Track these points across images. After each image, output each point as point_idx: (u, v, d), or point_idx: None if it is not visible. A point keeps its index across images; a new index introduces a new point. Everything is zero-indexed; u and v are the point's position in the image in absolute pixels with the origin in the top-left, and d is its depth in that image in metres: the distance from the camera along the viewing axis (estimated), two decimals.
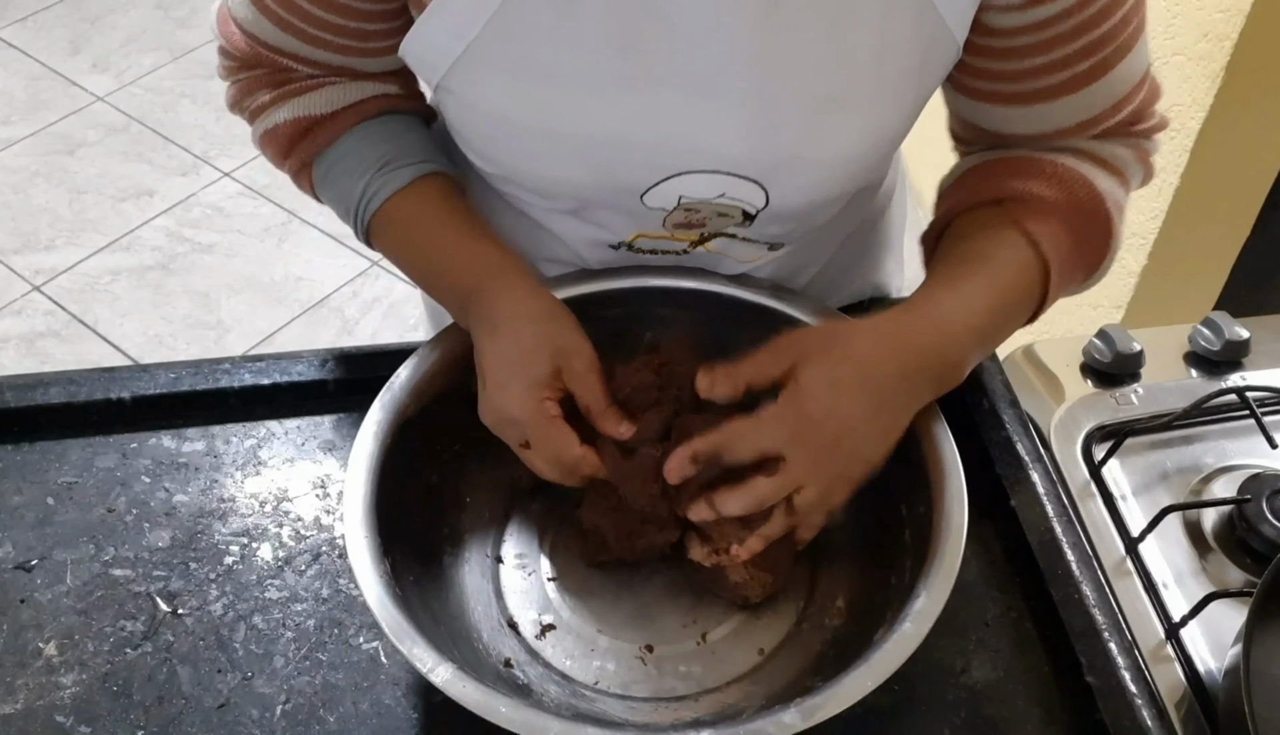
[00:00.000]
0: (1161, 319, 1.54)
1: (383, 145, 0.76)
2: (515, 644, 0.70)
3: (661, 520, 0.70)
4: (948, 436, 0.70)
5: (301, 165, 0.77)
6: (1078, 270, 0.75)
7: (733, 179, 0.70)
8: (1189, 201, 1.46)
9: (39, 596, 0.72)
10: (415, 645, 0.60)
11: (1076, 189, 0.73)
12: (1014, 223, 0.72)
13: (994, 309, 0.71)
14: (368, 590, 0.62)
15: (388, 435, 0.70)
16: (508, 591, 0.73)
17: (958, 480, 0.67)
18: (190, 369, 0.83)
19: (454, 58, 0.67)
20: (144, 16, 3.08)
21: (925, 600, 0.62)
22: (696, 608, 0.72)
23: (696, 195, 0.72)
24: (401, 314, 2.34)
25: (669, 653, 0.70)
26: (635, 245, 0.80)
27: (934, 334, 0.69)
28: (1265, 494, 0.77)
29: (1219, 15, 1.32)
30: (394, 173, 0.75)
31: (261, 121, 0.77)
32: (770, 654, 0.70)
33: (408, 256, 0.78)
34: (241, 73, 0.78)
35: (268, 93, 0.76)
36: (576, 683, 0.68)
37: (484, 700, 0.58)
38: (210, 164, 2.63)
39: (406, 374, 0.73)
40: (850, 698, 0.58)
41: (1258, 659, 0.66)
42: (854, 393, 0.65)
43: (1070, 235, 0.73)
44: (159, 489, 0.79)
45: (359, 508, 0.66)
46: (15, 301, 2.33)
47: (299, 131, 0.76)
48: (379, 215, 0.75)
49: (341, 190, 0.76)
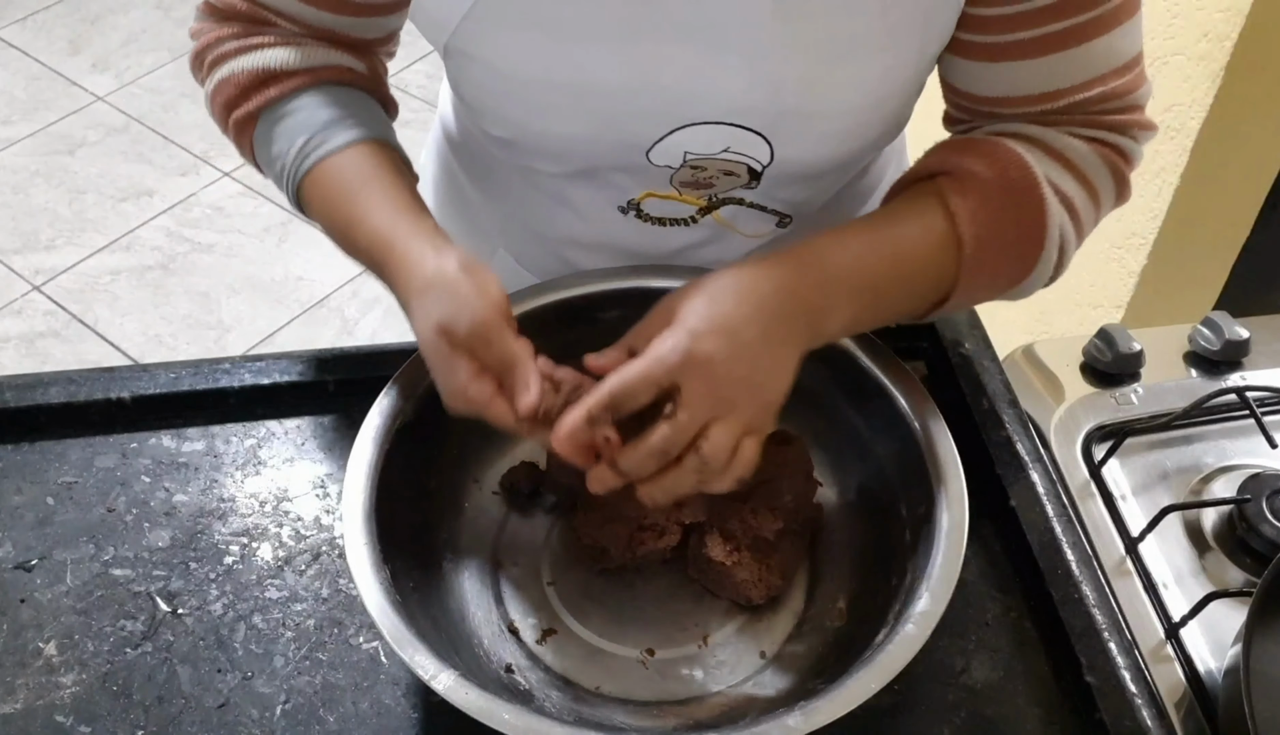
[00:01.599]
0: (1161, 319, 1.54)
1: (334, 109, 0.75)
2: (516, 649, 0.70)
3: (660, 527, 0.70)
4: (947, 436, 0.70)
5: (248, 117, 0.76)
6: (1003, 257, 0.71)
7: (737, 131, 0.71)
8: (1189, 201, 1.46)
9: (39, 596, 0.72)
10: (417, 652, 0.60)
11: (1009, 167, 0.70)
12: (937, 194, 0.70)
13: (879, 271, 0.69)
14: (368, 597, 0.62)
15: (386, 440, 0.69)
16: (508, 597, 0.73)
17: (958, 481, 0.67)
18: (190, 369, 0.83)
19: (462, 14, 0.67)
20: (144, 16, 3.08)
21: (927, 601, 0.62)
22: (697, 610, 0.72)
23: (701, 151, 0.73)
24: (401, 314, 2.34)
25: (670, 656, 0.70)
26: (643, 208, 0.80)
27: (807, 273, 0.66)
28: (1265, 494, 0.77)
29: (1219, 15, 1.32)
30: (335, 133, 0.74)
31: (221, 70, 0.76)
32: (772, 657, 0.70)
33: (330, 216, 0.75)
34: (216, 22, 0.78)
35: (234, 43, 0.76)
36: (578, 687, 0.68)
37: (486, 707, 0.58)
38: (210, 164, 2.63)
39: (404, 379, 0.73)
40: (853, 700, 0.58)
41: (1258, 659, 0.66)
42: (739, 315, 0.63)
43: (993, 213, 0.69)
44: (159, 489, 0.79)
45: (359, 514, 0.66)
46: (15, 301, 2.33)
47: (256, 82, 0.75)
48: (311, 173, 0.74)
49: (280, 146, 0.75)
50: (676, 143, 0.72)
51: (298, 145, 0.74)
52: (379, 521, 0.66)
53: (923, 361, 0.86)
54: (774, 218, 0.83)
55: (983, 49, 0.71)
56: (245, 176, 2.59)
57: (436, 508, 0.74)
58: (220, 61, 0.77)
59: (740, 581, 0.70)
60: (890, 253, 0.69)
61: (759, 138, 0.71)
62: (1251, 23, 1.29)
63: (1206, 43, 1.34)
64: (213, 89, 0.78)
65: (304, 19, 0.76)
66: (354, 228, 0.72)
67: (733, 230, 0.82)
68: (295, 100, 0.75)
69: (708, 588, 0.73)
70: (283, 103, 0.75)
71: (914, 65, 0.71)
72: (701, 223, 0.82)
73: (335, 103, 0.75)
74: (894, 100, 0.73)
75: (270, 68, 0.75)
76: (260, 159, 0.78)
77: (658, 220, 0.82)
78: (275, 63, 0.75)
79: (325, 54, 0.77)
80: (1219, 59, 1.34)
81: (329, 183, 0.73)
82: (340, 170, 0.73)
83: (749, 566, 0.69)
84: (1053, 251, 0.72)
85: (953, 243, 0.69)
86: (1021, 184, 0.70)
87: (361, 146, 0.74)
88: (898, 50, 0.69)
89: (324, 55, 0.77)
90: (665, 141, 0.72)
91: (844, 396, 0.76)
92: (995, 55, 0.70)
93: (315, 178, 0.74)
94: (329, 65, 0.77)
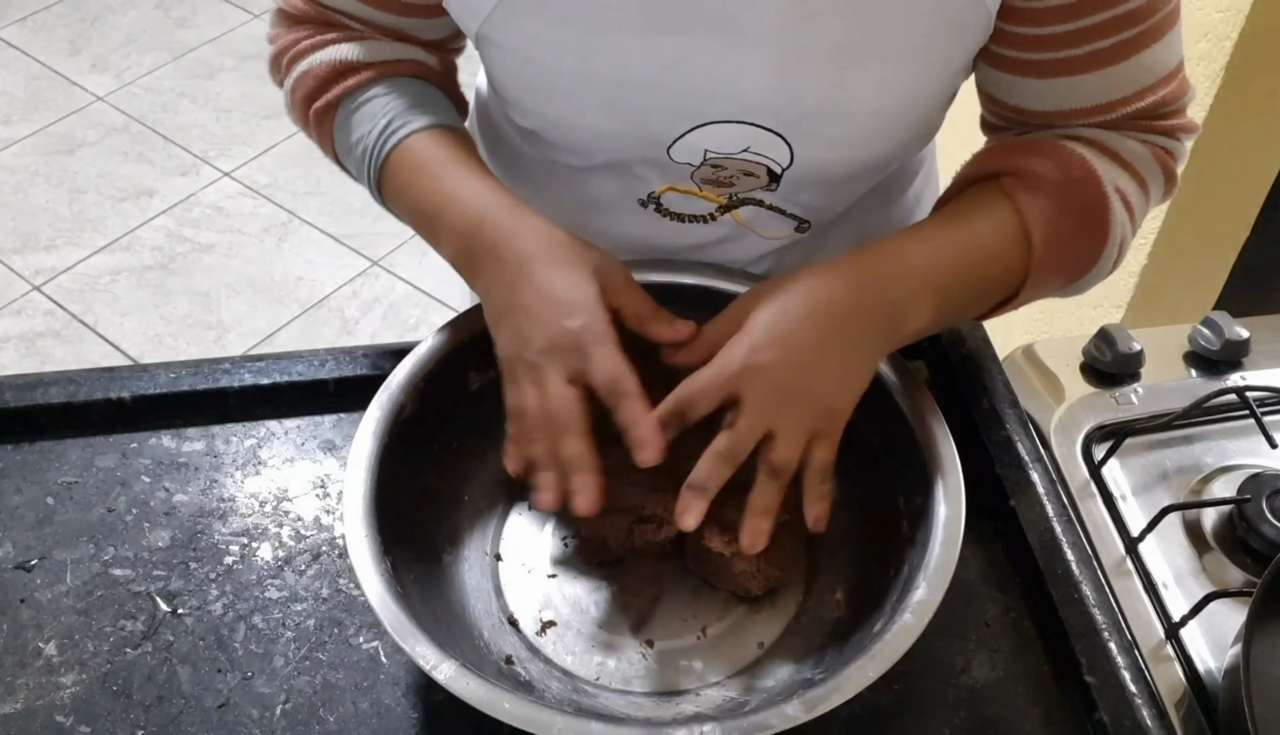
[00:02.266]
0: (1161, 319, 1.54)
1: (411, 97, 0.77)
2: (516, 641, 0.70)
3: (659, 519, 0.70)
4: (944, 428, 0.70)
5: (327, 107, 0.78)
6: (1068, 256, 0.73)
7: (757, 131, 0.71)
8: (1189, 201, 1.46)
9: (39, 596, 0.72)
10: (418, 643, 0.60)
11: (1073, 168, 0.71)
12: (1003, 193, 0.71)
13: (959, 268, 0.70)
14: (369, 590, 0.62)
15: (386, 434, 0.69)
16: (508, 589, 0.73)
17: (955, 473, 0.67)
18: (190, 369, 0.83)
19: (493, 3, 0.69)
20: (144, 16, 3.08)
21: (925, 591, 0.62)
22: (696, 602, 0.72)
23: (721, 149, 0.73)
24: (401, 314, 2.34)
25: (669, 647, 0.70)
26: (664, 202, 0.81)
27: (885, 270, 0.68)
28: (1265, 494, 0.77)
29: (1219, 15, 1.32)
30: (415, 117, 0.75)
31: (299, 66, 0.78)
32: (770, 647, 0.70)
33: (413, 196, 0.75)
34: (289, 26, 0.80)
35: (308, 41, 0.78)
36: (578, 678, 0.69)
37: (488, 697, 0.58)
38: (210, 164, 2.63)
39: (405, 373, 0.73)
40: (852, 689, 0.58)
41: (1258, 659, 0.66)
42: (802, 323, 0.65)
43: (1060, 213, 0.71)
44: (159, 489, 0.79)
45: (359, 507, 0.66)
46: (15, 301, 2.33)
47: (334, 74, 0.77)
48: (395, 152, 0.74)
49: (362, 130, 0.76)
50: (697, 140, 0.73)
51: (380, 127, 0.75)
52: (379, 514, 0.66)
53: (923, 361, 0.86)
54: (792, 222, 0.83)
55: (1030, 66, 0.71)
56: (245, 176, 2.59)
57: (437, 501, 0.74)
58: (298, 58, 0.78)
59: (739, 573, 0.70)
60: (967, 250, 0.70)
61: (779, 139, 0.72)
62: (1251, 23, 1.29)
63: (1206, 43, 1.34)
64: (292, 84, 0.79)
65: (366, 19, 0.78)
66: (447, 200, 0.72)
67: (750, 231, 0.83)
68: (371, 89, 0.77)
69: (706, 580, 0.73)
70: (360, 92, 0.77)
71: (939, 73, 0.71)
72: (720, 221, 0.82)
73: (410, 92, 0.77)
74: (916, 108, 0.74)
75: (347, 60, 0.77)
76: (340, 147, 0.79)
77: (677, 216, 0.82)
78: (351, 56, 0.77)
79: (397, 49, 0.78)
80: (1219, 59, 1.34)
81: (408, 165, 0.74)
82: (425, 149, 0.74)
83: (748, 558, 0.69)
84: (1114, 250, 0.73)
85: (1022, 240, 0.70)
86: (1085, 184, 0.71)
87: (442, 130, 0.75)
88: (920, 56, 0.69)
89: (396, 50, 0.78)
90: (686, 138, 0.73)
91: None
92: (1043, 72, 0.71)
93: (399, 156, 0.74)
94: (401, 59, 0.78)
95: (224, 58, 2.95)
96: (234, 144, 2.67)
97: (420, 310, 2.35)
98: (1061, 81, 0.71)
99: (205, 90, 2.84)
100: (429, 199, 0.73)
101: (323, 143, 0.81)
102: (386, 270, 2.41)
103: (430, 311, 2.35)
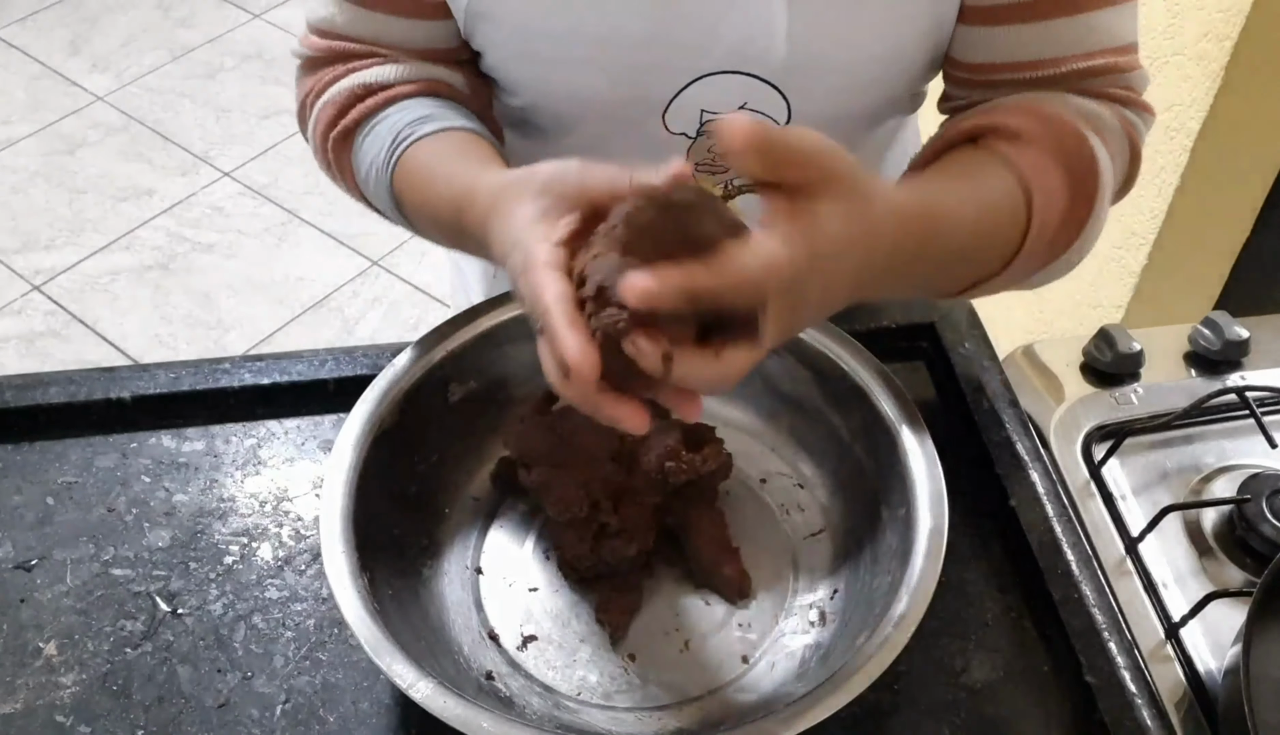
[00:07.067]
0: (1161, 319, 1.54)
1: (426, 110, 0.75)
2: (497, 656, 0.69)
3: (628, 532, 0.70)
4: (926, 438, 0.69)
5: (344, 134, 0.76)
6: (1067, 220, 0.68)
7: (754, 82, 0.71)
8: (1189, 201, 1.46)
9: (39, 596, 0.72)
10: (395, 661, 0.59)
11: (1053, 124, 0.68)
12: (989, 151, 0.69)
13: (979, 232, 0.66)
14: (346, 607, 0.61)
15: (365, 447, 0.69)
16: (488, 603, 0.72)
17: (936, 482, 0.67)
18: (190, 369, 0.83)
19: None
20: (144, 16, 3.08)
21: (907, 604, 0.61)
22: (679, 616, 0.72)
23: (718, 107, 0.73)
24: (401, 314, 2.34)
25: (651, 662, 0.70)
26: None
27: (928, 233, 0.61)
28: (1265, 494, 0.77)
29: (1219, 15, 1.32)
30: (426, 124, 0.73)
31: (320, 100, 0.77)
32: (753, 662, 0.70)
33: (422, 193, 0.73)
34: (312, 72, 0.79)
35: (330, 74, 0.77)
36: (559, 694, 0.68)
37: (466, 715, 0.57)
38: (210, 164, 2.63)
39: (383, 385, 0.72)
40: (833, 705, 0.58)
41: (1258, 659, 0.66)
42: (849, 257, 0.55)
43: (1053, 164, 0.67)
44: (159, 489, 0.79)
45: (336, 522, 0.65)
46: (15, 301, 2.33)
47: (352, 98, 0.76)
48: (408, 153, 0.72)
49: (382, 143, 0.74)
50: (692, 100, 0.73)
51: (389, 143, 0.73)
52: (357, 529, 0.65)
53: (923, 361, 0.86)
54: None
55: (983, 13, 0.72)
56: (245, 176, 2.59)
57: (416, 514, 0.73)
58: (319, 94, 0.77)
59: (725, 577, 0.71)
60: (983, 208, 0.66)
61: (775, 92, 0.72)
62: (1251, 23, 1.30)
63: (1206, 43, 1.34)
64: (314, 121, 0.78)
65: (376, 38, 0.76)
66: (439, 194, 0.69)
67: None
68: (389, 107, 0.75)
69: (698, 583, 0.72)
70: (378, 111, 0.75)
71: (929, 15, 0.72)
72: None
73: (429, 106, 0.75)
74: (909, 55, 0.74)
75: (367, 82, 0.75)
76: (359, 177, 0.77)
77: None
78: (369, 78, 0.76)
79: (422, 69, 0.77)
80: (1219, 59, 1.34)
81: (417, 164, 0.72)
82: (428, 151, 0.72)
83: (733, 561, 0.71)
84: (1102, 210, 0.70)
85: (1021, 194, 0.67)
86: (1072, 141, 0.68)
87: (454, 132, 0.73)
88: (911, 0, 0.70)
89: (421, 70, 0.77)
90: (681, 98, 0.73)
91: (824, 398, 0.76)
92: (994, 19, 0.72)
93: (404, 164, 0.72)
94: (428, 78, 0.77)
95: (224, 58, 2.96)
96: (234, 144, 2.67)
97: (420, 310, 2.35)
98: (1010, 29, 0.71)
99: (205, 90, 2.84)
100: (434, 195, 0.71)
101: (344, 175, 0.78)
102: (386, 270, 2.41)
103: (430, 311, 2.35)
